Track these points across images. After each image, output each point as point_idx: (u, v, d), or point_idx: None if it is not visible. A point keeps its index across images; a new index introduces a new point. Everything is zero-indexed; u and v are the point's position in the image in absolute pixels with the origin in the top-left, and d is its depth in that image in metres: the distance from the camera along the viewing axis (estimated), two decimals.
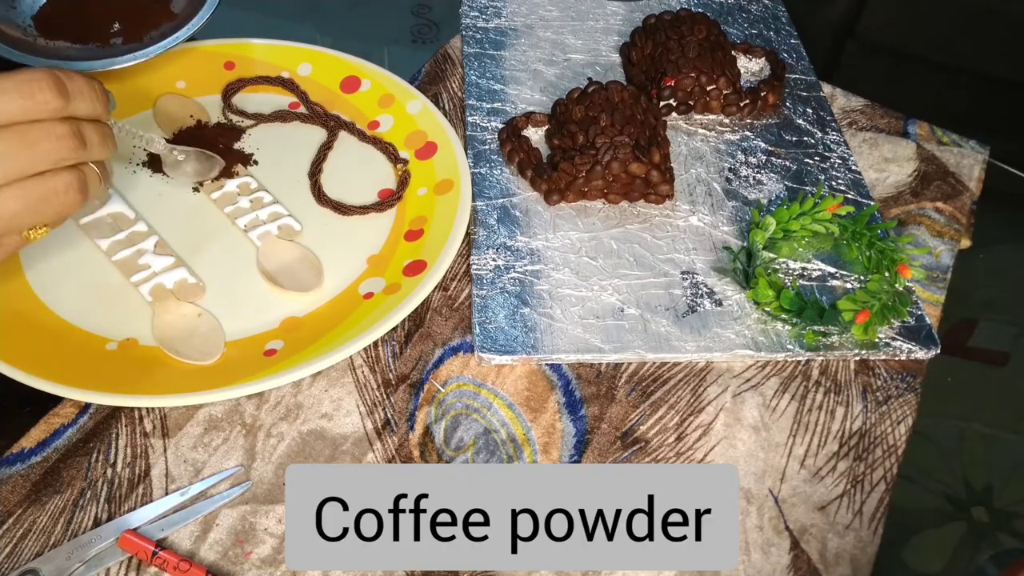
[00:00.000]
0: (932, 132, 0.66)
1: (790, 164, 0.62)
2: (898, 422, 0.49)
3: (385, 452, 0.45)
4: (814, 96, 0.67)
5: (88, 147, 0.41)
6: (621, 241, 0.56)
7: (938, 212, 0.61)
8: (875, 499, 0.46)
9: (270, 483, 0.44)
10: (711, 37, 0.64)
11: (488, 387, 0.49)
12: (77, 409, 0.46)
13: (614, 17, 0.73)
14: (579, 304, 0.52)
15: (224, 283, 0.52)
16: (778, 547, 0.44)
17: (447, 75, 0.68)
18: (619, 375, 0.50)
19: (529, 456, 0.46)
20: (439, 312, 0.52)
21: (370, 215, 0.56)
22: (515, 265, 0.54)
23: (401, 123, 0.61)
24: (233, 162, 0.57)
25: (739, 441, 0.47)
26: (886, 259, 0.53)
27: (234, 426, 0.46)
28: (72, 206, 0.42)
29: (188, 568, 0.40)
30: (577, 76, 0.67)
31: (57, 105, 0.39)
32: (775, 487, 0.46)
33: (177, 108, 0.61)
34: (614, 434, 0.47)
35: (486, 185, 0.58)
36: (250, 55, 0.64)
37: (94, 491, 0.43)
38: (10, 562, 0.40)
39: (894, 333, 0.52)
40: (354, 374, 0.49)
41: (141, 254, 0.52)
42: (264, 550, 0.41)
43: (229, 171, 0.57)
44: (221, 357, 0.47)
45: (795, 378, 0.50)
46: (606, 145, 0.55)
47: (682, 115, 0.65)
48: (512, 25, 0.72)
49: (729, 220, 0.57)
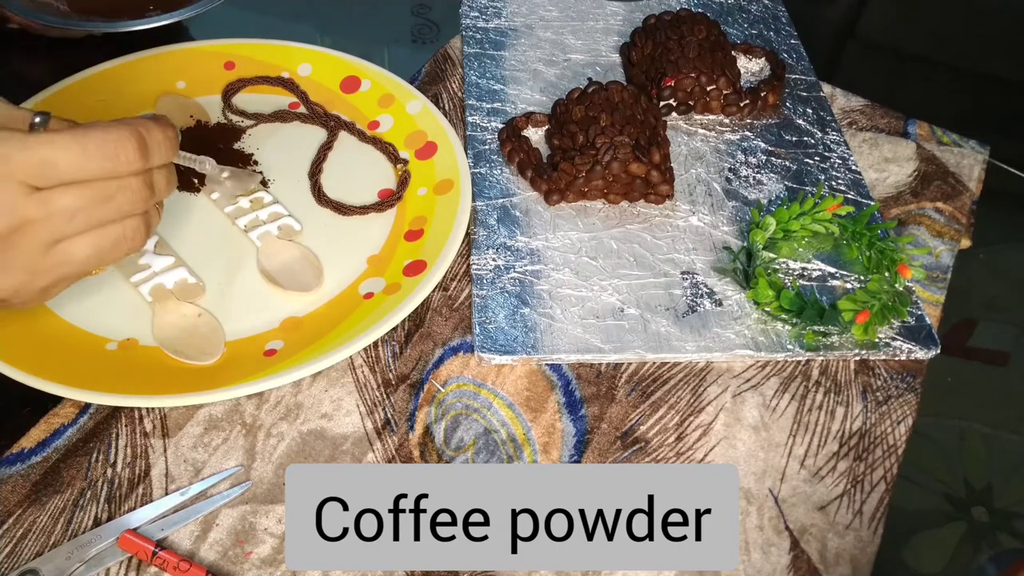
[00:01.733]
0: (932, 132, 0.66)
1: (790, 164, 0.62)
2: (898, 422, 0.49)
3: (385, 452, 0.45)
4: (814, 96, 0.67)
5: (156, 193, 0.42)
6: (621, 241, 0.56)
7: (938, 212, 0.61)
8: (875, 499, 0.46)
9: (270, 483, 0.44)
10: (711, 37, 0.64)
11: (488, 387, 0.49)
12: (77, 409, 0.46)
13: (614, 17, 0.73)
14: (579, 304, 0.52)
15: (224, 283, 0.52)
16: (778, 547, 0.44)
17: (447, 75, 0.68)
18: (619, 375, 0.50)
19: (529, 456, 0.46)
20: (439, 312, 0.52)
21: (370, 215, 0.56)
22: (515, 265, 0.54)
23: (401, 123, 0.61)
24: (233, 163, 0.57)
25: (739, 441, 0.47)
26: (886, 259, 0.53)
27: (234, 426, 0.46)
28: (138, 246, 0.43)
29: (188, 568, 0.40)
30: (577, 76, 0.67)
31: (139, 166, 0.40)
32: (775, 487, 0.46)
33: (177, 108, 0.61)
34: (614, 434, 0.47)
35: (486, 185, 0.58)
36: (250, 55, 0.64)
37: (94, 491, 0.43)
38: (10, 562, 0.40)
39: (894, 333, 0.52)
40: (354, 374, 0.49)
41: (141, 254, 0.52)
42: (264, 550, 0.41)
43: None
44: (221, 357, 0.47)
45: (795, 378, 0.50)
46: (606, 145, 0.55)
47: (682, 115, 0.65)
48: (512, 25, 0.72)
49: (729, 220, 0.57)
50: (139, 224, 0.42)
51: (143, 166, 0.40)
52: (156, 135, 0.41)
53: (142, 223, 0.42)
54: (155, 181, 0.42)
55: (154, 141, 0.41)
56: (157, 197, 0.43)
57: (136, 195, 0.41)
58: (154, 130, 0.41)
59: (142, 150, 0.40)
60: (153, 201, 0.42)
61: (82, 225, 0.40)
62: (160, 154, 0.41)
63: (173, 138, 0.42)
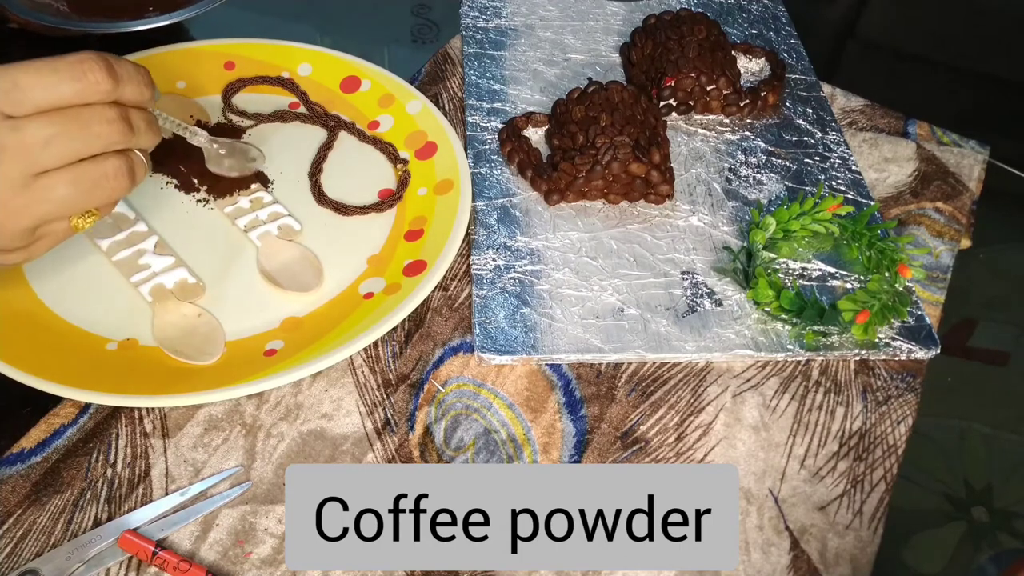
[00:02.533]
0: (932, 132, 0.66)
1: (790, 164, 0.62)
2: (898, 422, 0.49)
3: (385, 452, 0.45)
4: (814, 96, 0.67)
5: (136, 133, 0.42)
6: (621, 241, 0.56)
7: (938, 212, 0.61)
8: (875, 499, 0.46)
9: (270, 483, 0.44)
10: (711, 37, 0.64)
11: (488, 387, 0.49)
12: (77, 409, 0.46)
13: (614, 17, 0.73)
14: (579, 304, 0.52)
15: (224, 283, 0.52)
16: (778, 547, 0.44)
17: (447, 75, 0.68)
18: (619, 375, 0.50)
19: (529, 456, 0.46)
20: (439, 312, 0.52)
21: (370, 215, 0.56)
22: (515, 265, 0.54)
23: (401, 123, 0.61)
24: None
25: (739, 441, 0.47)
26: (886, 259, 0.53)
27: (234, 426, 0.46)
28: (121, 191, 0.42)
29: (188, 568, 0.39)
30: (577, 76, 0.67)
31: (108, 87, 0.39)
32: (775, 487, 0.46)
33: (177, 108, 0.61)
34: (614, 434, 0.47)
35: (486, 185, 0.58)
36: (250, 55, 0.64)
37: (94, 491, 0.43)
38: (10, 562, 0.40)
39: (894, 333, 0.52)
40: (354, 374, 0.49)
41: (141, 254, 0.52)
42: (264, 550, 0.41)
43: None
44: (221, 357, 0.47)
45: (795, 378, 0.50)
46: (606, 145, 0.55)
47: (682, 115, 0.65)
48: (512, 25, 0.72)
49: (729, 220, 0.57)
50: (120, 164, 0.41)
51: (112, 88, 0.40)
52: (126, 65, 0.41)
53: (124, 164, 0.42)
54: (133, 118, 0.41)
55: (123, 68, 0.40)
56: (137, 137, 0.42)
57: (112, 126, 0.40)
58: (124, 62, 0.41)
59: (110, 72, 0.39)
60: (133, 140, 0.42)
61: (58, 154, 0.39)
62: (131, 85, 0.41)
63: (145, 76, 0.42)
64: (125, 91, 0.41)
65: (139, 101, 0.42)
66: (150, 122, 0.43)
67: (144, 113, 0.43)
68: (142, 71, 0.42)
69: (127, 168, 0.42)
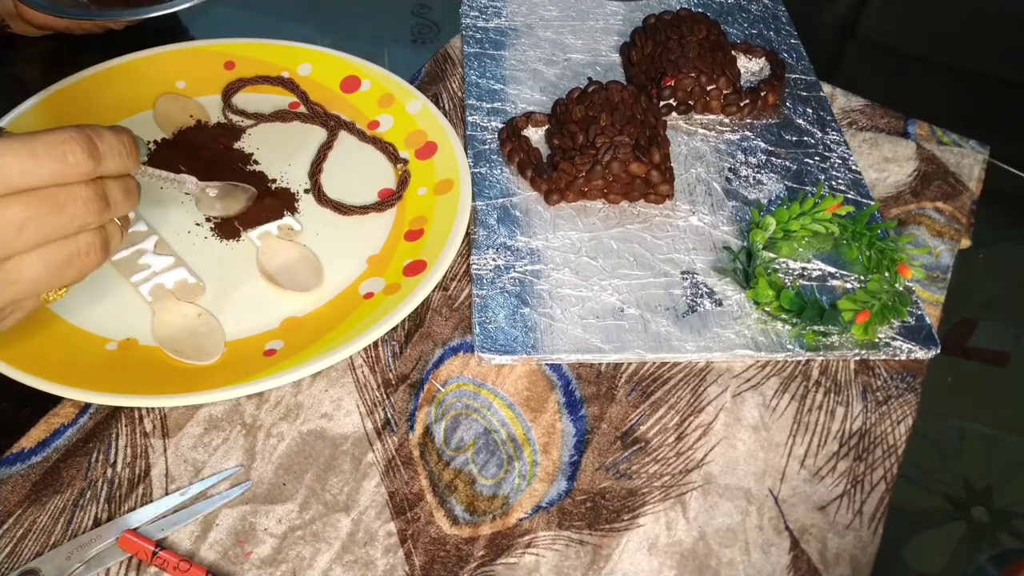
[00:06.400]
0: (932, 132, 0.66)
1: (790, 164, 0.62)
2: (898, 422, 0.49)
3: (385, 452, 0.45)
4: (814, 96, 0.67)
5: (112, 207, 0.40)
6: (621, 241, 0.56)
7: (938, 212, 0.61)
8: (875, 499, 0.46)
9: (270, 483, 0.44)
10: (711, 37, 0.64)
11: (488, 387, 0.49)
12: (77, 409, 0.46)
13: (614, 17, 0.73)
14: (579, 304, 0.52)
15: (224, 283, 0.52)
16: (778, 547, 0.44)
17: (447, 75, 0.68)
18: (619, 375, 0.50)
19: (529, 456, 0.46)
20: (439, 312, 0.52)
21: (370, 215, 0.56)
22: (515, 265, 0.54)
23: (401, 123, 0.61)
24: (233, 162, 0.57)
25: (739, 441, 0.47)
26: (886, 259, 0.53)
27: (234, 426, 0.46)
28: (93, 266, 0.40)
29: (188, 568, 0.40)
30: (577, 76, 0.67)
31: (88, 168, 0.38)
32: (775, 487, 0.46)
33: (177, 108, 0.61)
34: (614, 434, 0.47)
35: (486, 185, 0.58)
36: (250, 55, 0.64)
37: (94, 491, 0.43)
38: (10, 562, 0.40)
39: (894, 333, 0.52)
40: (354, 374, 0.49)
41: (141, 254, 0.52)
42: (264, 550, 0.41)
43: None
44: (221, 357, 0.47)
45: (795, 378, 0.50)
46: (606, 145, 0.55)
47: (682, 115, 0.65)
48: (512, 25, 0.72)
49: (729, 220, 0.57)
50: (93, 240, 0.40)
51: (93, 168, 0.38)
52: (107, 138, 0.39)
53: (97, 239, 0.40)
54: (110, 192, 0.40)
55: (105, 144, 0.38)
56: (114, 210, 0.40)
57: (88, 206, 0.38)
58: (105, 134, 0.39)
59: (91, 151, 0.38)
60: (109, 215, 0.40)
61: (31, 239, 0.37)
62: (113, 159, 0.39)
63: (129, 144, 0.40)
64: (107, 166, 0.39)
65: (121, 172, 0.40)
66: (128, 191, 0.41)
67: (123, 182, 0.41)
68: (124, 139, 0.40)
69: (100, 243, 0.40)
